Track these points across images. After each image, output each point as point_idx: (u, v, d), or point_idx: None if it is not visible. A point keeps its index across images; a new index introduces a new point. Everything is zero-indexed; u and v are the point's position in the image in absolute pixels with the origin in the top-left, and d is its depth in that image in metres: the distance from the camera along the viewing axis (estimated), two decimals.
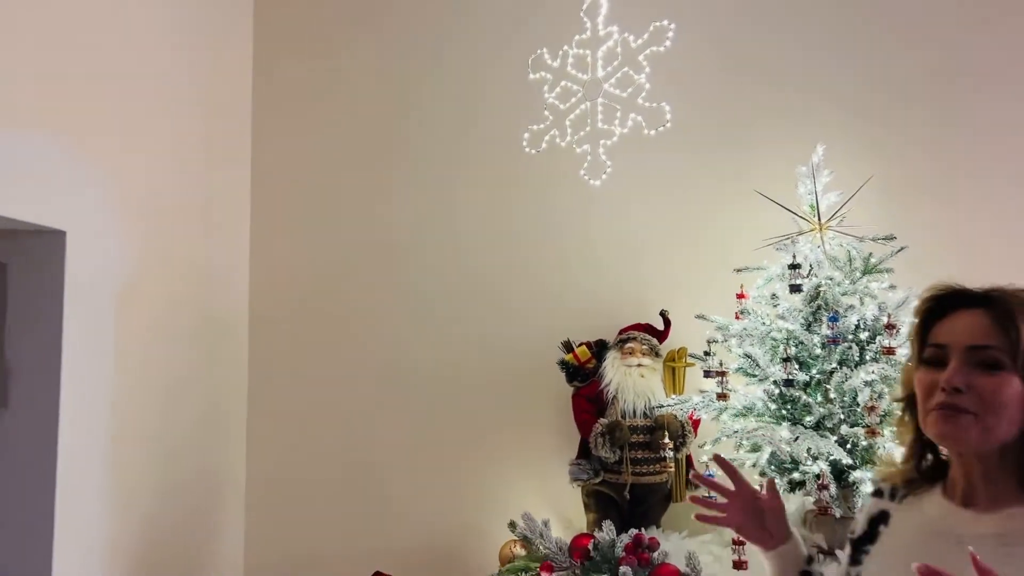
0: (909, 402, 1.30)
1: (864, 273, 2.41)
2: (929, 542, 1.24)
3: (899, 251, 2.39)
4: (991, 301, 1.22)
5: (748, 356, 2.30)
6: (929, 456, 1.30)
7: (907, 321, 2.36)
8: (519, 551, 2.51)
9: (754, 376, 2.33)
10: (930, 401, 1.21)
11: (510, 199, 2.94)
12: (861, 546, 1.32)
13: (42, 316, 2.20)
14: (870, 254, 2.41)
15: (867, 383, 2.25)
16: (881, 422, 2.26)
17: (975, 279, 2.60)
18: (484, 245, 2.96)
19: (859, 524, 1.35)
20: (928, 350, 1.24)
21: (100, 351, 2.32)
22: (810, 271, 2.40)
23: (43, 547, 2.11)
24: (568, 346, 2.71)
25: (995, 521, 1.20)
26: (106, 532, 2.32)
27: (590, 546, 2.40)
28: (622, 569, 2.27)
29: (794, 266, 2.33)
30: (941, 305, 1.26)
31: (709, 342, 2.40)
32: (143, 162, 2.56)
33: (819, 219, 2.44)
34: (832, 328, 2.28)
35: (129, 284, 2.45)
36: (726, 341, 2.40)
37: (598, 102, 2.17)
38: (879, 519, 1.32)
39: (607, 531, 2.41)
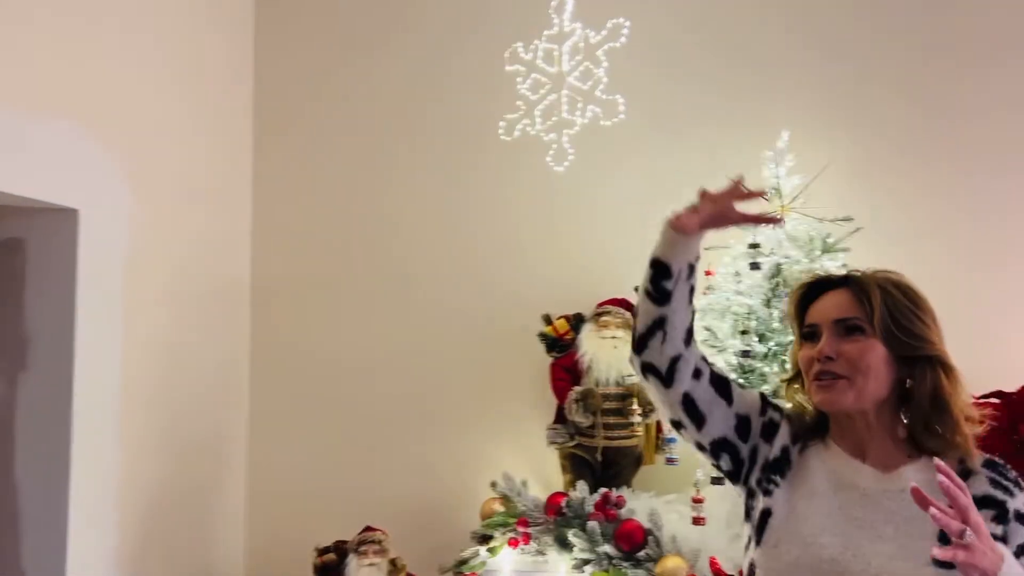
0: (796, 378, 1.45)
1: (823, 252, 2.57)
2: (845, 493, 1.35)
3: (855, 231, 2.55)
4: (849, 281, 1.40)
5: (708, 329, 2.47)
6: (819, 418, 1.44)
7: None
8: (498, 508, 2.69)
9: (715, 348, 2.50)
10: (810, 373, 1.37)
11: (498, 182, 3.10)
12: (771, 473, 1.40)
13: (57, 287, 2.37)
14: (828, 234, 2.57)
15: None
16: None
17: (928, 258, 2.77)
18: (473, 224, 3.12)
19: (775, 448, 1.42)
20: (804, 330, 1.41)
21: (110, 318, 2.50)
22: (772, 250, 2.57)
23: (60, 491, 2.31)
24: (548, 319, 2.87)
25: (894, 479, 1.34)
26: (118, 477, 2.51)
27: (563, 503, 2.59)
28: (590, 524, 2.47)
29: (754, 245, 2.50)
30: (811, 291, 1.43)
31: None
32: (149, 143, 2.71)
33: (781, 201, 2.60)
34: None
35: (137, 257, 2.62)
36: None
37: (563, 94, 2.33)
38: (785, 456, 1.41)
39: (580, 490, 2.61)
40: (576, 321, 2.86)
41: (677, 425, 1.47)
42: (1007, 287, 2.73)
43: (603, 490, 2.55)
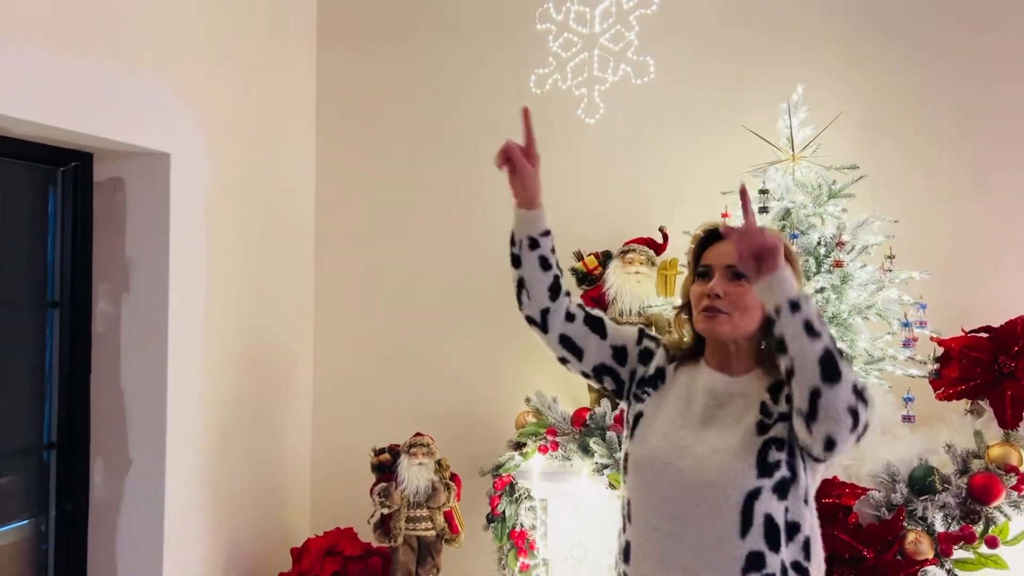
0: (686, 307, 1.75)
1: (829, 198, 2.81)
2: (700, 396, 1.69)
3: (858, 179, 2.78)
4: None
5: None
6: (695, 346, 1.75)
7: (862, 239, 2.78)
8: (531, 419, 3.04)
9: None
10: (699, 305, 1.66)
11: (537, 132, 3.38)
12: (644, 386, 1.75)
13: (153, 221, 2.72)
14: (834, 181, 2.80)
15: (818, 290, 2.69)
16: (830, 322, 2.70)
17: (931, 203, 2.99)
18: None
19: (652, 363, 1.76)
20: (700, 269, 1.69)
21: (197, 248, 2.87)
22: (781, 196, 2.81)
23: (159, 395, 2.71)
24: (579, 255, 3.17)
25: (741, 383, 1.66)
26: (203, 384, 2.90)
27: (587, 417, 2.93)
28: (609, 434, 2.80)
29: (763, 191, 2.75)
30: (709, 237, 1.71)
31: None
32: (229, 96, 3.04)
33: (793, 150, 2.84)
34: (792, 244, 2.71)
35: (218, 196, 2.97)
36: None
37: (595, 53, 2.56)
38: (660, 373, 1.75)
39: (603, 405, 2.94)
40: (604, 258, 3.15)
41: (563, 360, 1.79)
42: (1010, 231, 2.95)
43: (623, 406, 2.87)
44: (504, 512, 2.97)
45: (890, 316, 2.72)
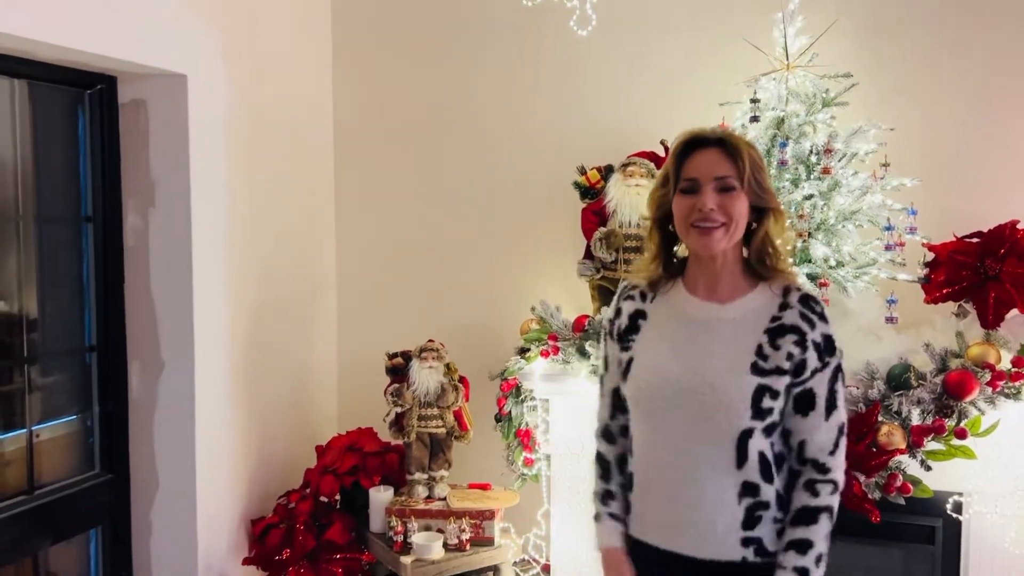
0: (657, 221, 1.74)
1: (824, 106, 2.84)
2: (688, 326, 1.70)
3: (851, 87, 2.81)
4: (723, 142, 1.65)
5: None
6: (666, 259, 1.77)
7: (855, 147, 2.82)
8: (534, 327, 3.20)
9: None
10: (689, 220, 1.65)
11: (539, 53, 3.44)
12: (627, 336, 1.78)
13: (174, 138, 2.88)
14: (827, 89, 2.84)
15: (806, 197, 2.76)
16: (818, 228, 2.78)
17: (925, 111, 3.02)
18: (521, 89, 3.50)
19: (622, 321, 1.80)
20: (684, 183, 1.67)
21: (216, 164, 3.01)
22: (774, 106, 2.86)
23: (186, 302, 2.92)
24: (582, 170, 3.26)
25: (734, 309, 1.69)
26: (229, 292, 3.10)
27: (586, 323, 3.08)
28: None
29: (754, 100, 2.80)
30: (688, 147, 1.68)
31: None
32: (246, 19, 3.17)
33: (787, 60, 2.87)
34: (782, 152, 2.77)
35: (236, 114, 3.11)
36: None
37: None
38: (637, 316, 1.78)
39: (601, 313, 3.08)
40: (606, 171, 3.25)
41: None
42: (1007, 139, 2.96)
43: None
44: (510, 412, 3.16)
45: (881, 222, 2.78)
